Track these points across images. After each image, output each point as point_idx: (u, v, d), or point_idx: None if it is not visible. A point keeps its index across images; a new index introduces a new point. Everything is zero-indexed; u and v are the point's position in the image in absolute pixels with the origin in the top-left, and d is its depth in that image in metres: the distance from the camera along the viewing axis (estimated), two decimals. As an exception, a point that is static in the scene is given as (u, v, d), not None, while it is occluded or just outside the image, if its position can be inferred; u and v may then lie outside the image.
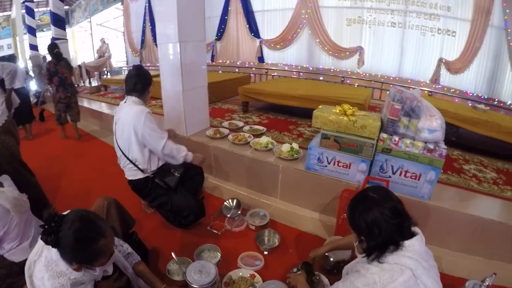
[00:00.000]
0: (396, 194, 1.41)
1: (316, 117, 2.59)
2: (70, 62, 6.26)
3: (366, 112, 2.62)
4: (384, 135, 2.39)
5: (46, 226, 1.44)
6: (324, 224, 2.74)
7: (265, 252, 2.47)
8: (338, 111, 2.54)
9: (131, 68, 2.75)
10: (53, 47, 5.75)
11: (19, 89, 4.87)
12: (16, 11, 16.37)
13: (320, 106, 2.77)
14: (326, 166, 2.68)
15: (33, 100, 8.81)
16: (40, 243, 1.74)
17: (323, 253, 2.12)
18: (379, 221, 1.31)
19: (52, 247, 1.48)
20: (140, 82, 2.64)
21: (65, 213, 1.57)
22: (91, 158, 5.21)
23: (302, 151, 3.01)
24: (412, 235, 1.35)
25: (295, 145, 3.03)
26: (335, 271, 2.15)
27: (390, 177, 2.44)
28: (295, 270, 2.01)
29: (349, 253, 2.15)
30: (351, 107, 2.52)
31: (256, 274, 2.22)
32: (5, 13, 19.53)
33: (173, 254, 2.42)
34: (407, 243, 1.31)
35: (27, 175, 3.24)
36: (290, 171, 2.91)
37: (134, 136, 2.59)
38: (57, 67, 5.63)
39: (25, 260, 1.88)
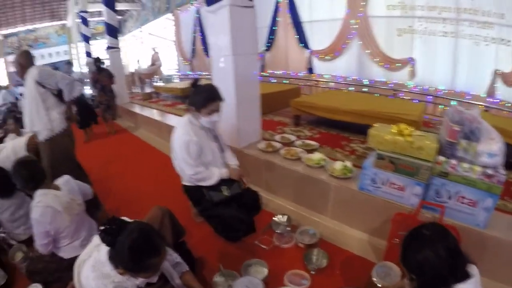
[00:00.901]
0: (451, 221, 1.36)
1: (372, 136, 2.53)
2: (111, 72, 7.58)
3: (422, 132, 2.52)
4: (441, 158, 2.29)
5: (107, 227, 1.51)
6: (374, 247, 2.66)
7: (312, 272, 2.44)
8: (394, 130, 2.45)
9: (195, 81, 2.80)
10: (96, 61, 7.46)
11: (78, 97, 5.21)
12: (71, 21, 17.41)
13: (375, 125, 2.68)
14: (379, 187, 2.59)
15: (80, 87, 9.30)
16: (91, 244, 1.85)
17: None
18: (431, 261, 1.27)
19: (107, 246, 1.55)
20: (194, 99, 2.68)
21: (129, 220, 1.65)
22: (145, 164, 5.44)
23: (355, 170, 2.93)
24: (466, 276, 1.29)
25: (349, 164, 2.97)
26: None
27: (446, 202, 2.31)
28: None
29: (398, 278, 2.10)
30: (408, 127, 2.43)
31: (301, 293, 2.18)
32: (61, 22, 20.96)
33: (220, 267, 2.48)
34: (460, 286, 1.26)
35: (83, 177, 3.48)
36: (342, 190, 2.85)
37: (174, 153, 2.76)
38: (98, 76, 7.30)
39: (74, 257, 1.99)
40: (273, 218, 3.11)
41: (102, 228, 1.53)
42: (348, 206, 2.88)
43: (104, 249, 1.65)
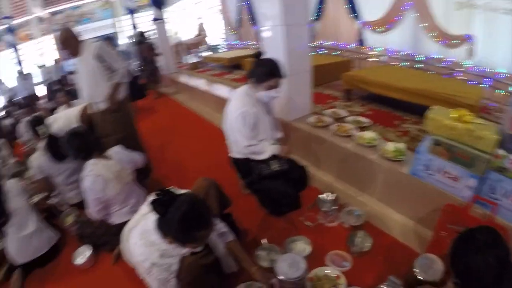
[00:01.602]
0: (502, 221, 1.29)
1: (429, 119, 2.40)
2: (153, 44, 8.43)
3: (483, 120, 2.35)
4: (501, 152, 2.15)
5: (159, 197, 1.57)
6: (418, 235, 2.57)
7: (354, 254, 2.43)
8: (453, 115, 2.30)
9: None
10: (139, 35, 8.50)
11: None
12: None
13: (433, 107, 2.55)
14: (432, 174, 2.47)
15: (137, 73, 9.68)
16: (140, 213, 1.94)
17: None
18: (479, 269, 1.22)
19: (158, 215, 1.61)
20: (255, 71, 2.67)
21: (181, 191, 1.71)
22: (192, 134, 5.63)
23: (407, 153, 2.84)
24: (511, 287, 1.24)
25: (401, 146, 2.87)
26: None
27: (499, 200, 2.15)
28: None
29: (440, 272, 2.01)
30: (467, 113, 2.28)
31: (341, 275, 2.20)
32: None
33: (263, 241, 2.55)
34: None
35: (140, 145, 3.74)
36: (392, 173, 2.77)
37: (229, 124, 2.80)
38: (140, 49, 8.27)
39: (122, 223, 2.09)
40: (320, 196, 3.10)
41: (154, 198, 1.58)
42: (397, 190, 2.81)
43: (152, 218, 1.73)
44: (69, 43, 3.35)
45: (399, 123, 3.69)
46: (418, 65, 6.93)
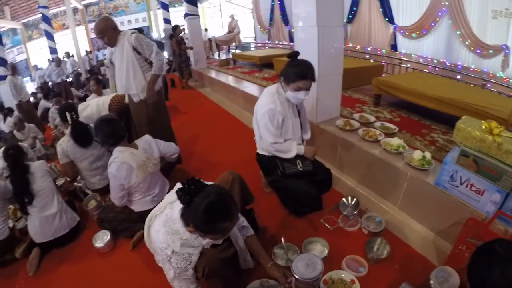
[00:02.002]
0: None
1: (458, 129, 2.31)
2: (183, 39, 8.77)
3: None
4: None
5: (186, 186, 1.57)
6: (437, 248, 2.50)
7: (371, 261, 2.40)
8: (484, 127, 2.20)
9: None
10: (170, 29, 9.08)
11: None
12: None
13: (463, 117, 2.45)
14: (457, 186, 2.38)
15: (166, 67, 9.81)
16: (165, 201, 1.95)
17: None
18: (495, 281, 1.15)
19: (183, 204, 1.61)
20: (286, 71, 2.67)
21: (207, 182, 1.72)
22: (219, 129, 5.69)
23: (433, 163, 2.77)
24: None
25: (428, 155, 2.79)
26: None
27: None
28: None
29: (457, 287, 1.97)
30: (498, 126, 2.17)
31: (356, 280, 2.18)
32: None
33: (282, 239, 2.53)
34: None
35: (171, 136, 3.84)
36: (417, 182, 2.70)
37: (256, 120, 2.82)
38: (171, 43, 8.75)
39: (143, 211, 2.12)
40: (342, 199, 3.07)
41: (180, 187, 1.59)
42: (419, 200, 2.75)
43: (177, 207, 1.75)
44: (107, 33, 3.38)
45: (427, 132, 3.60)
46: (450, 74, 6.73)
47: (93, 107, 4.06)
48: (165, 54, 11.06)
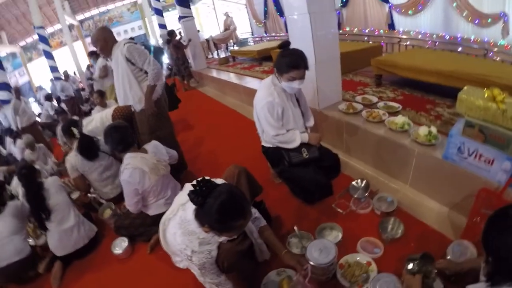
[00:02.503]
0: None
1: (461, 100, 2.27)
2: (180, 43, 9.02)
3: None
4: None
5: (197, 188, 1.58)
6: (452, 222, 2.48)
7: (386, 241, 2.38)
8: (486, 95, 2.15)
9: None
10: (168, 34, 9.07)
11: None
12: None
13: (465, 87, 2.40)
14: (466, 158, 2.35)
15: (167, 72, 9.94)
16: (176, 203, 1.97)
17: (458, 270, 1.91)
18: (510, 246, 1.14)
19: (196, 206, 1.63)
20: (278, 62, 2.66)
21: (218, 182, 1.73)
22: (225, 126, 5.70)
23: (440, 137, 2.74)
24: None
25: (434, 129, 2.77)
26: (453, 279, 1.93)
27: None
28: (410, 266, 1.84)
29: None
30: (501, 92, 2.12)
31: (372, 262, 2.18)
32: (132, 0, 22.78)
33: (295, 228, 2.53)
34: None
35: (175, 142, 3.83)
36: (425, 157, 2.69)
37: (256, 114, 2.85)
38: (170, 48, 8.98)
39: (158, 214, 2.15)
40: (352, 183, 3.07)
41: (192, 188, 1.60)
42: (429, 176, 2.73)
43: (190, 208, 1.76)
44: (98, 43, 3.42)
45: (432, 107, 3.57)
46: (451, 47, 6.63)
47: (97, 121, 4.11)
48: (165, 59, 11.11)
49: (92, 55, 7.97)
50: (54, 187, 3.00)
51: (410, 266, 1.84)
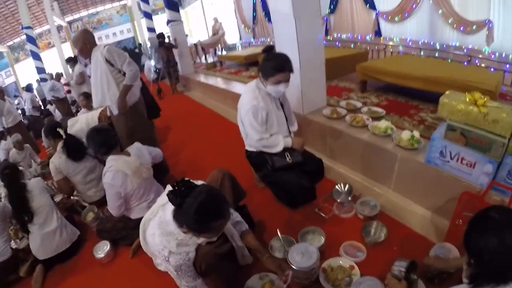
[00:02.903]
0: None
1: (442, 104, 2.32)
2: (172, 45, 9.16)
3: (499, 103, 2.22)
4: None
5: (176, 188, 1.58)
6: (435, 225, 2.51)
7: (369, 245, 2.40)
8: (467, 99, 2.19)
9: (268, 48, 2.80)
10: (158, 37, 9.13)
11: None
12: (131, 0, 18.09)
13: (447, 92, 2.44)
14: (448, 161, 2.39)
15: (154, 76, 9.91)
16: (157, 204, 1.98)
17: (442, 269, 1.94)
18: (493, 248, 1.14)
19: (175, 206, 1.62)
20: (264, 66, 2.68)
21: (198, 182, 1.72)
22: (210, 131, 5.69)
23: (423, 141, 2.78)
24: None
25: (416, 134, 2.81)
26: (436, 281, 1.96)
27: None
28: (395, 271, 1.82)
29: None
30: (482, 96, 2.16)
31: (355, 265, 2.19)
32: (122, 2, 22.88)
33: (278, 232, 2.53)
34: None
35: (156, 145, 3.74)
36: (408, 161, 2.72)
37: (240, 118, 2.86)
38: (159, 50, 9.03)
39: (140, 218, 2.14)
40: (335, 187, 3.07)
41: (171, 189, 1.60)
42: (412, 180, 2.76)
43: (169, 209, 1.75)
44: (77, 44, 3.47)
45: (415, 112, 3.61)
46: (436, 54, 6.73)
47: (83, 122, 4.08)
48: (152, 62, 11.07)
49: (70, 61, 7.95)
50: (38, 189, 2.96)
51: (396, 271, 1.83)
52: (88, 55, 3.53)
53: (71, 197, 3.60)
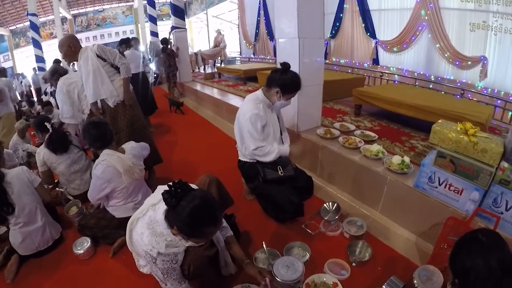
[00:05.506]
0: (504, 234, 1.24)
1: (434, 132, 2.40)
2: (173, 51, 9.08)
3: (488, 134, 2.33)
4: (505, 165, 2.08)
5: (172, 189, 1.57)
6: (419, 249, 2.53)
7: (354, 264, 2.42)
8: (459, 128, 2.30)
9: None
10: (162, 42, 9.05)
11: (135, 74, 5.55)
12: (138, 2, 18.68)
13: (439, 121, 2.56)
14: (436, 187, 2.45)
15: (152, 80, 9.94)
16: (147, 203, 1.95)
17: None
18: (478, 270, 1.18)
19: (168, 207, 1.61)
20: (284, 82, 2.76)
21: (194, 186, 1.72)
22: (203, 140, 5.69)
23: (412, 166, 2.83)
24: None
25: (407, 159, 2.86)
26: None
27: (502, 213, 2.12)
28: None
29: (440, 284, 2.00)
30: (473, 127, 2.28)
31: (339, 283, 2.19)
32: (128, 3, 23.02)
33: (264, 244, 2.53)
34: None
35: (148, 140, 3.73)
36: (397, 185, 2.75)
37: (238, 126, 2.90)
38: (162, 55, 9.02)
39: (124, 218, 2.13)
40: (323, 205, 3.10)
41: (167, 189, 1.58)
42: (400, 203, 2.79)
43: (161, 209, 1.74)
44: (63, 48, 3.52)
45: (407, 139, 3.68)
46: (430, 85, 6.91)
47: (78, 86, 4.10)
48: (152, 66, 11.07)
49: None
50: (19, 182, 2.71)
51: None
52: (72, 59, 3.61)
53: (57, 188, 3.54)
